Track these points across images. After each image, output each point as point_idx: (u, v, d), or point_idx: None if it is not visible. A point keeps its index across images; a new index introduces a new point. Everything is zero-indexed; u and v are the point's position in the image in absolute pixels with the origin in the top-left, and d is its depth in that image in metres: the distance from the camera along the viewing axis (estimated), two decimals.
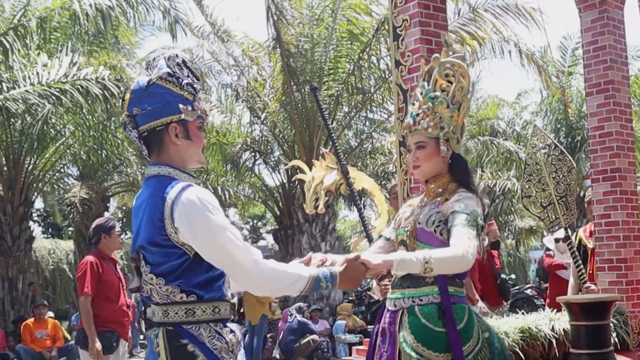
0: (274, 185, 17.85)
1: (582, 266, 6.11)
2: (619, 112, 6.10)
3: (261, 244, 33.59)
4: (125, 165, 18.05)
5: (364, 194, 7.11)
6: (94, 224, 6.47)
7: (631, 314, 5.88)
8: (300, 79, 15.30)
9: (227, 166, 17.96)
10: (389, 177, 16.85)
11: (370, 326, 11.52)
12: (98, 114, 14.67)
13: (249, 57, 16.39)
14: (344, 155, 6.67)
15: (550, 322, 5.25)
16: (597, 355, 4.66)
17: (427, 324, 3.12)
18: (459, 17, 13.85)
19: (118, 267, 6.57)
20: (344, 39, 15.60)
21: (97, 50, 15.45)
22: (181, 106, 2.70)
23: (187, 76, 2.75)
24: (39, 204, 26.27)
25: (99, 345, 5.95)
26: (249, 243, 2.66)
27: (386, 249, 3.43)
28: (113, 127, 15.46)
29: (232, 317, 2.74)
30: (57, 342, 12.36)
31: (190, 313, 2.60)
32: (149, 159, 2.78)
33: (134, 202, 2.79)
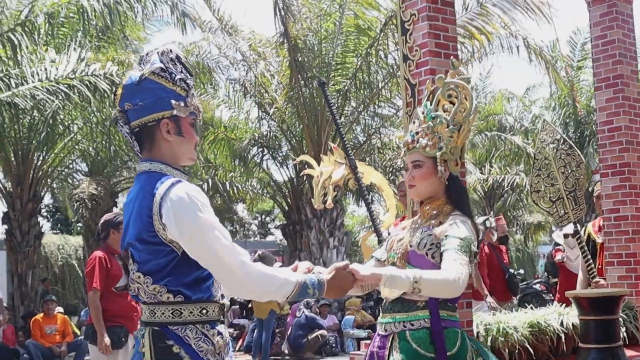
0: (282, 181, 17.84)
1: (591, 261, 6.09)
2: (627, 107, 6.07)
3: (269, 239, 33.67)
4: (133, 161, 18.06)
5: (372, 188, 7.12)
6: (103, 219, 6.47)
7: None
8: (308, 74, 15.29)
9: (235, 161, 17.98)
10: (397, 172, 16.82)
11: None
12: (106, 110, 14.67)
13: (257, 52, 16.38)
14: (352, 150, 6.65)
15: (559, 316, 5.23)
16: (606, 349, 4.63)
17: (418, 349, 3.04)
18: (467, 12, 13.75)
19: None
20: (351, 33, 15.57)
21: (105, 45, 15.46)
22: (173, 102, 2.65)
23: (180, 72, 2.71)
24: (47, 199, 26.39)
25: (107, 340, 5.97)
26: (236, 244, 2.60)
27: None
28: None
29: (221, 318, 2.68)
30: (66, 337, 12.44)
31: (177, 314, 2.56)
32: (141, 155, 2.72)
33: (125, 199, 2.75)
